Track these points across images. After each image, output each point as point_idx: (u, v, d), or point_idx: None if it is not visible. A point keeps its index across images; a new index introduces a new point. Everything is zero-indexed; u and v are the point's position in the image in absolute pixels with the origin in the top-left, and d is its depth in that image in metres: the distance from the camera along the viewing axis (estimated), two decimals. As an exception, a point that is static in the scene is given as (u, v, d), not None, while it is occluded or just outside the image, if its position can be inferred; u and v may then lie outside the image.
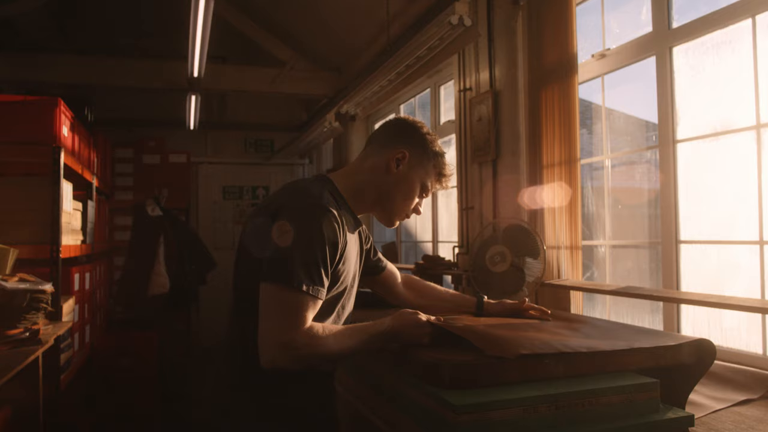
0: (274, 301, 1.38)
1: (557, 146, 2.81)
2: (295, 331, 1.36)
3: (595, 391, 1.24)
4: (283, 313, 1.37)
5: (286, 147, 6.86)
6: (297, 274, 1.38)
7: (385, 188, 1.68)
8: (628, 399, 1.27)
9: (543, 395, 1.20)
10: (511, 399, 1.18)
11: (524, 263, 2.49)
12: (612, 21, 2.85)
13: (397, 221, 1.76)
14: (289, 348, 1.35)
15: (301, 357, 1.36)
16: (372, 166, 1.69)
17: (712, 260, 2.36)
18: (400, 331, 1.49)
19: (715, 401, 1.66)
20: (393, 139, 1.71)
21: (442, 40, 2.72)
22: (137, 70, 5.60)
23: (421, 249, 4.82)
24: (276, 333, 1.36)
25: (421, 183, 1.70)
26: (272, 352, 1.36)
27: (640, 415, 1.27)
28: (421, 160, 1.69)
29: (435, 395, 1.23)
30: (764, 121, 2.11)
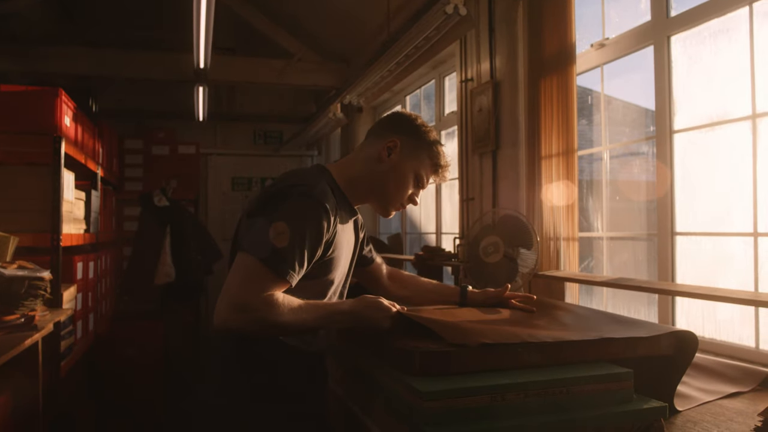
0: (241, 267, 1.42)
1: (555, 137, 2.79)
2: (252, 295, 1.37)
3: (566, 381, 1.23)
4: (246, 278, 1.40)
5: (294, 138, 6.86)
6: (272, 250, 1.40)
7: (377, 178, 1.69)
8: (601, 389, 1.26)
9: (511, 383, 1.20)
10: (478, 387, 1.18)
11: (518, 254, 2.47)
12: (612, 10, 2.82)
13: (392, 211, 1.77)
14: (242, 310, 1.37)
15: (252, 320, 1.37)
16: (365, 156, 1.72)
17: (708, 252, 2.33)
18: (361, 313, 1.50)
19: (705, 394, 1.64)
20: (386, 129, 1.73)
21: (438, 30, 2.71)
22: (145, 61, 5.62)
23: (425, 240, 4.81)
24: (233, 294, 1.38)
25: (415, 173, 1.71)
26: (226, 311, 1.37)
27: (612, 405, 1.25)
28: (414, 150, 1.70)
29: (404, 382, 1.23)
30: (760, 111, 2.07)
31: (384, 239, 5.29)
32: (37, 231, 2.90)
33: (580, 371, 1.28)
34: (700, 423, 1.40)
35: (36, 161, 3.04)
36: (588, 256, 2.95)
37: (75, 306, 3.31)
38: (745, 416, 1.44)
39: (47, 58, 5.24)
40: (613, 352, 1.38)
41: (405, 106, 5.27)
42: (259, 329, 1.41)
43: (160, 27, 5.90)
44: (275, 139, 7.51)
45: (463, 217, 3.63)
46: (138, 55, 5.58)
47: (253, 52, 6.19)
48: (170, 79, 5.59)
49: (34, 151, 3.21)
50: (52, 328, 2.66)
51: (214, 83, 5.85)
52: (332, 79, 6.08)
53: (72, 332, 3.21)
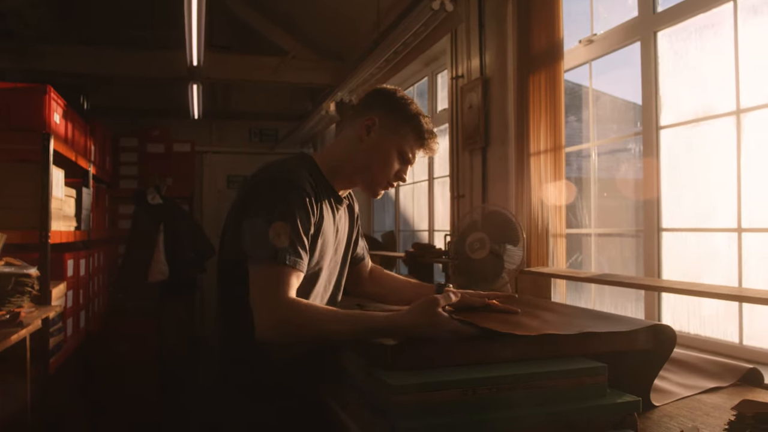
0: (258, 278, 1.40)
1: (544, 134, 2.79)
2: (278, 300, 1.36)
3: (538, 375, 1.23)
4: (267, 286, 1.38)
5: (288, 136, 6.87)
6: (274, 248, 1.39)
7: (360, 158, 1.64)
8: (574, 383, 1.25)
9: (483, 378, 1.19)
10: (449, 381, 1.17)
11: (504, 250, 2.47)
12: (600, 6, 2.81)
13: (380, 190, 1.70)
14: (276, 320, 1.36)
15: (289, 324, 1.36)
16: (346, 139, 1.68)
17: (693, 248, 2.33)
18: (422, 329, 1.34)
19: (684, 389, 1.63)
20: (364, 107, 1.68)
21: (426, 26, 2.71)
22: (140, 59, 5.63)
23: (418, 238, 4.81)
24: (262, 307, 1.37)
25: (398, 149, 1.64)
26: (262, 328, 1.36)
27: (586, 399, 1.25)
28: (395, 125, 1.63)
29: (376, 376, 1.22)
30: (744, 106, 2.07)
31: (378, 237, 5.29)
32: (26, 228, 2.90)
33: (554, 366, 1.27)
34: (675, 417, 1.40)
35: (25, 158, 3.04)
36: (576, 253, 2.95)
37: (65, 303, 3.31)
38: (721, 411, 1.43)
39: (42, 56, 5.25)
40: (594, 347, 1.37)
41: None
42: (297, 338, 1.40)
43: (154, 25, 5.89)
44: (271, 136, 7.52)
45: (454, 214, 3.63)
46: (133, 53, 5.58)
47: (248, 49, 6.20)
48: (165, 77, 5.59)
49: (24, 148, 3.21)
50: (40, 324, 2.66)
51: (209, 81, 5.86)
52: (327, 76, 6.08)
53: (62, 329, 3.21)
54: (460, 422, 1.16)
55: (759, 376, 1.71)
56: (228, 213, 1.61)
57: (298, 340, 1.41)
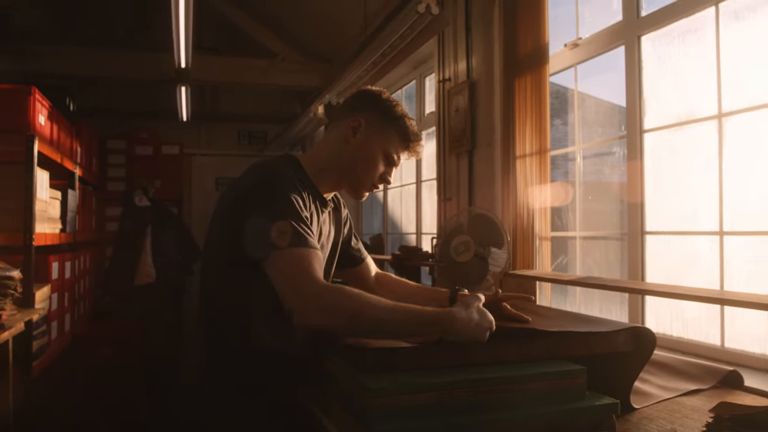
0: (284, 265, 1.35)
1: (529, 137, 2.80)
2: (314, 279, 1.32)
3: (516, 378, 1.23)
4: (298, 270, 1.33)
5: (276, 139, 6.85)
6: (292, 233, 1.36)
7: (345, 160, 1.64)
8: (553, 386, 1.25)
9: (460, 380, 1.19)
10: (426, 383, 1.17)
11: (489, 253, 2.47)
12: (586, 10, 2.83)
13: (364, 192, 1.70)
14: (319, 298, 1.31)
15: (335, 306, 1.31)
16: (332, 140, 1.67)
17: (676, 251, 2.34)
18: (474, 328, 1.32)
19: (664, 391, 1.64)
20: (349, 108, 1.67)
21: (412, 29, 2.71)
22: (128, 61, 5.59)
23: (406, 240, 4.81)
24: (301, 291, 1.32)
25: (384, 150, 1.64)
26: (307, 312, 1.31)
27: (564, 402, 1.25)
28: (381, 126, 1.63)
29: (355, 379, 1.22)
30: (726, 110, 2.08)
31: (366, 239, 5.29)
32: (10, 230, 2.88)
33: (532, 368, 1.27)
34: (655, 420, 1.41)
35: (10, 160, 3.01)
36: (562, 255, 2.96)
37: (49, 306, 3.28)
38: (700, 413, 1.44)
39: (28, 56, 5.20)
40: (571, 349, 1.38)
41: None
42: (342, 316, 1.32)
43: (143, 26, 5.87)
44: (260, 139, 7.50)
45: (441, 216, 3.63)
46: (121, 54, 5.55)
47: (237, 51, 6.18)
48: (153, 79, 5.57)
49: (8, 150, 3.18)
50: (23, 327, 2.64)
51: (198, 83, 5.83)
52: (316, 79, 6.08)
53: (46, 332, 3.19)
54: (438, 425, 1.16)
55: (739, 378, 1.72)
56: (215, 215, 1.58)
57: (346, 326, 1.34)
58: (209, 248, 1.59)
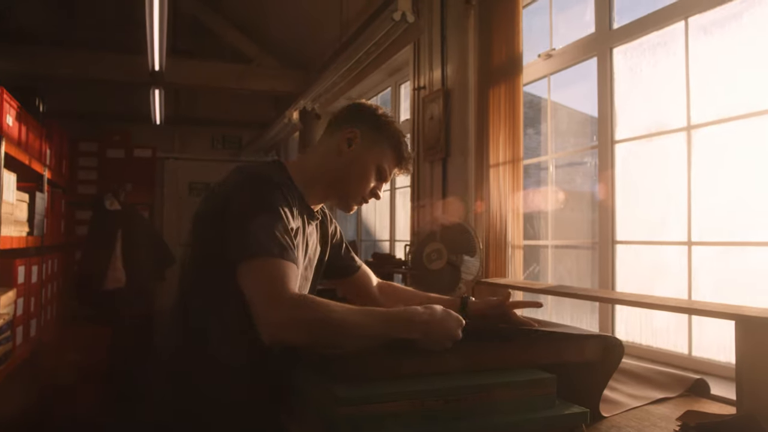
0: (256, 274, 1.31)
1: (502, 146, 2.81)
2: (286, 293, 1.27)
3: (488, 386, 1.23)
4: (269, 280, 1.29)
5: (250, 144, 6.82)
6: (268, 242, 1.32)
7: (337, 171, 1.61)
8: (523, 394, 1.26)
9: (431, 389, 1.19)
10: (396, 392, 1.16)
11: (461, 261, 2.48)
12: (559, 22, 2.86)
13: (354, 206, 1.67)
14: (287, 309, 1.25)
15: (302, 319, 1.25)
16: (324, 149, 1.64)
17: (646, 261, 2.37)
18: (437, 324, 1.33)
19: (633, 399, 1.66)
20: (345, 120, 1.64)
21: (388, 36, 2.72)
22: (101, 62, 5.54)
23: (379, 247, 4.81)
24: (269, 301, 1.27)
25: (377, 165, 1.62)
26: (271, 320, 1.25)
27: (534, 411, 1.26)
28: (376, 141, 1.61)
29: (324, 388, 1.21)
30: (694, 123, 2.12)
31: (340, 246, 5.27)
32: (-26, 233, 2.81)
33: (502, 377, 1.28)
34: (624, 428, 1.42)
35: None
36: (534, 264, 2.98)
37: (15, 311, 3.21)
38: (668, 421, 1.45)
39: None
40: (540, 358, 1.38)
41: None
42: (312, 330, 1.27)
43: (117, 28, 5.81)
44: (234, 143, 7.45)
45: (414, 224, 3.63)
46: (94, 55, 5.49)
47: (212, 55, 6.14)
48: (126, 81, 5.51)
49: (-25, 151, 3.13)
50: (-15, 333, 2.58)
51: (171, 86, 5.78)
52: (291, 84, 6.07)
53: (10, 338, 3.12)
54: (409, 434, 1.15)
55: (705, 386, 1.74)
56: (196, 217, 1.53)
57: (313, 337, 1.29)
58: (188, 249, 1.56)
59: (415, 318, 1.31)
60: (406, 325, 1.31)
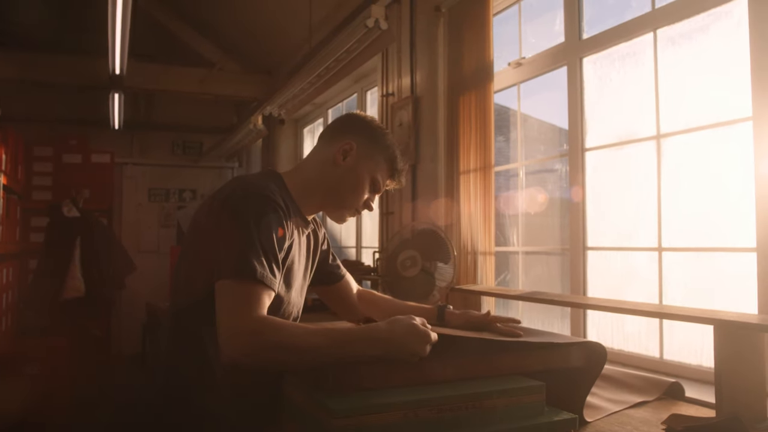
0: (227, 295, 1.29)
1: (473, 152, 2.83)
2: (250, 317, 1.25)
3: (480, 395, 1.24)
4: (237, 303, 1.27)
5: (213, 149, 6.72)
6: (246, 264, 1.30)
7: (332, 182, 1.60)
8: (513, 402, 1.27)
9: (424, 399, 1.19)
10: (390, 403, 1.16)
11: (435, 268, 2.49)
12: (528, 31, 2.90)
13: (347, 217, 1.67)
14: (246, 335, 1.23)
15: (262, 344, 1.23)
16: (319, 160, 1.63)
17: (617, 266, 2.42)
18: (401, 340, 1.29)
19: (613, 404, 1.69)
20: (341, 131, 1.64)
21: (359, 43, 2.71)
22: (58, 65, 5.40)
23: (345, 254, 4.79)
24: (229, 326, 1.25)
25: (371, 177, 1.62)
26: (229, 346, 1.23)
27: (525, 418, 1.27)
28: (371, 153, 1.61)
29: (316, 400, 1.20)
30: (664, 132, 2.17)
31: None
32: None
33: (493, 385, 1.28)
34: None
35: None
36: (504, 270, 3.01)
37: (-30, 322, 3.10)
38: (649, 425, 1.48)
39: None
40: (527, 365, 1.40)
41: (327, 119, 5.26)
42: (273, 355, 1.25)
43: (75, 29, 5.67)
44: (195, 149, 7.34)
45: (383, 230, 3.63)
46: (51, 58, 5.34)
47: (173, 59, 6.04)
48: (85, 85, 5.37)
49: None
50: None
51: (131, 90, 5.66)
52: (254, 90, 6.02)
53: (-34, 351, 3.00)
54: (402, 445, 1.15)
55: (680, 389, 1.78)
56: (190, 228, 1.52)
57: (273, 363, 1.28)
58: (181, 260, 1.52)
59: (375, 336, 1.30)
60: (366, 345, 1.29)
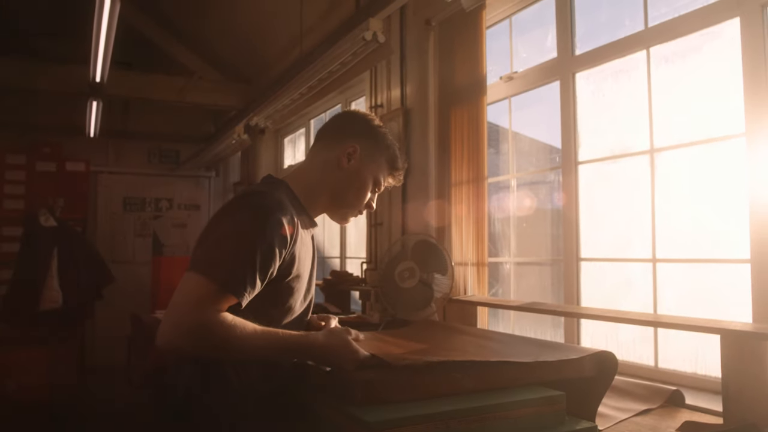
0: (188, 286, 1.31)
1: (466, 164, 2.87)
2: (200, 315, 1.27)
3: (505, 405, 1.27)
4: (194, 298, 1.28)
5: (192, 159, 6.66)
6: (220, 267, 1.31)
7: (337, 185, 1.62)
8: (537, 412, 1.30)
9: (455, 410, 1.21)
10: (423, 414, 1.18)
11: (432, 279, 2.52)
12: (519, 45, 2.96)
13: (350, 218, 1.70)
14: (189, 331, 1.26)
15: (200, 342, 1.27)
16: (322, 163, 1.63)
17: (610, 277, 2.48)
18: (333, 350, 1.38)
19: (620, 412, 1.74)
20: (342, 133, 1.65)
21: (355, 56, 2.73)
22: (34, 71, 5.30)
23: (328, 264, 4.79)
24: (181, 314, 1.28)
25: (374, 177, 1.65)
26: (172, 332, 1.26)
27: (547, 427, 1.30)
28: (373, 154, 1.64)
29: (347, 413, 1.21)
30: (657, 146, 2.24)
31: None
32: None
33: (517, 395, 1.31)
34: (622, 441, 1.48)
35: None
36: (495, 281, 3.05)
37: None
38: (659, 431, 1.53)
39: None
40: (544, 375, 1.43)
41: (310, 129, 5.27)
42: (208, 351, 1.31)
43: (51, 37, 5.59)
44: (171, 158, 7.26)
45: (371, 242, 3.65)
46: (27, 65, 5.25)
47: (152, 67, 5.98)
48: (62, 92, 5.29)
49: None
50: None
51: (109, 98, 5.59)
52: (233, 98, 5.99)
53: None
54: (434, 455, 1.17)
55: (681, 397, 1.84)
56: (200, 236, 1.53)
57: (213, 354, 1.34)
58: None
59: (312, 345, 1.39)
60: (303, 353, 1.41)
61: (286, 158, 5.89)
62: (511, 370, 1.40)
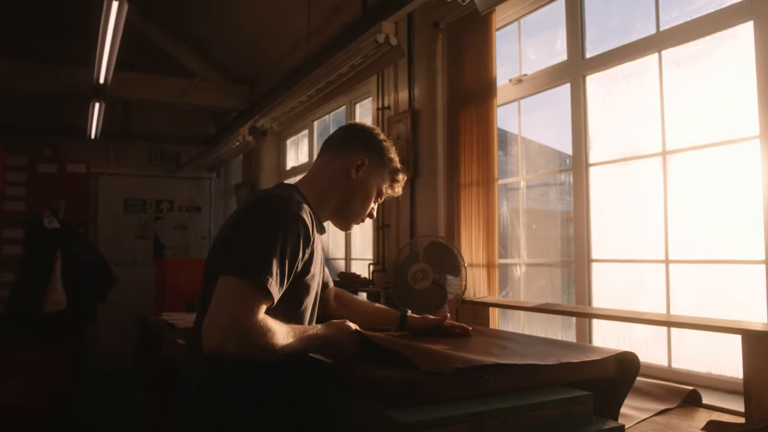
0: (230, 291, 1.34)
1: (475, 166, 2.89)
2: (249, 318, 1.31)
3: (536, 405, 1.28)
4: (240, 302, 1.32)
5: (194, 160, 6.66)
6: (253, 268, 1.35)
7: (344, 194, 1.70)
8: (565, 412, 1.32)
9: (488, 410, 1.22)
10: (458, 415, 1.19)
11: (445, 281, 2.53)
12: (528, 48, 2.98)
13: (353, 226, 1.79)
14: (241, 333, 1.30)
15: (250, 344, 1.31)
16: (332, 172, 1.70)
17: (622, 278, 2.50)
18: (332, 338, 1.49)
19: (640, 412, 1.76)
20: (351, 145, 1.72)
21: (366, 58, 2.75)
22: (36, 73, 5.29)
23: (333, 266, 4.80)
24: (230, 319, 1.30)
25: (377, 188, 1.74)
26: (222, 336, 1.29)
27: (576, 427, 1.31)
28: (378, 167, 1.73)
29: (380, 413, 1.22)
30: (669, 149, 2.26)
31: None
32: None
33: (545, 396, 1.33)
34: (646, 440, 1.50)
35: None
36: (504, 283, 3.07)
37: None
38: (678, 430, 1.55)
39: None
40: (568, 375, 1.45)
41: (313, 131, 5.27)
42: (254, 352, 1.33)
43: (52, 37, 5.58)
44: (172, 160, 7.26)
45: (379, 243, 3.66)
46: (29, 66, 5.24)
47: (154, 69, 5.98)
48: (65, 93, 5.28)
49: None
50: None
51: (112, 100, 5.59)
52: (236, 100, 6.00)
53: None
54: (469, 455, 1.18)
55: (698, 397, 1.86)
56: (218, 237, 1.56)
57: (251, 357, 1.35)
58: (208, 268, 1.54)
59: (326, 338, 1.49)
60: (320, 346, 1.49)
61: (289, 160, 5.90)
62: (538, 372, 1.42)
